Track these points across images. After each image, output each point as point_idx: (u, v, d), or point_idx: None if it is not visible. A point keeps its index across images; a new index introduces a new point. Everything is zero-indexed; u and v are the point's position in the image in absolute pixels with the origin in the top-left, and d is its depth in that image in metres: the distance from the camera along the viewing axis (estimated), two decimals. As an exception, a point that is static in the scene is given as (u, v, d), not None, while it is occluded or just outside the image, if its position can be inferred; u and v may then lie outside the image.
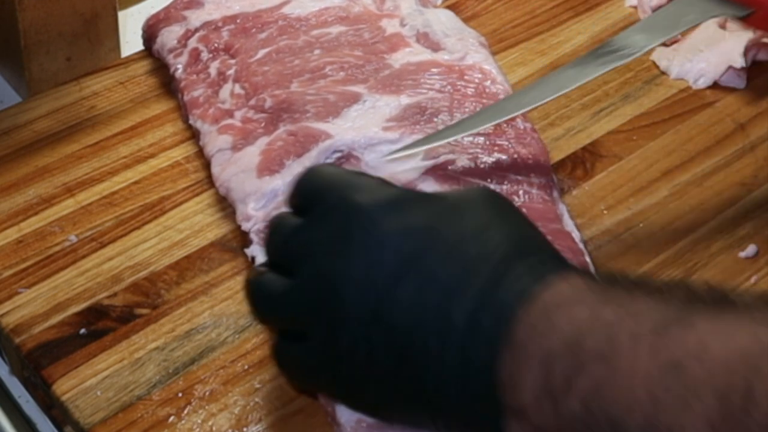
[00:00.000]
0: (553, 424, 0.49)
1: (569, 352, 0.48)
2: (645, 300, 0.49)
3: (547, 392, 0.49)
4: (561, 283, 0.51)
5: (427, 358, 0.53)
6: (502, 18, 0.93)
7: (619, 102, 0.86)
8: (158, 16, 0.87)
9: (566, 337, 0.49)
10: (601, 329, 0.48)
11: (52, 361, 0.66)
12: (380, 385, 0.56)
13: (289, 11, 0.86)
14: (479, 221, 0.55)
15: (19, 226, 0.74)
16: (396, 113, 0.77)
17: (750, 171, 0.81)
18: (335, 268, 0.55)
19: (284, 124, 0.76)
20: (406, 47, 0.83)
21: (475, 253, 0.53)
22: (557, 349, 0.49)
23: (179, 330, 0.68)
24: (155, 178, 0.78)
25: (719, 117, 0.85)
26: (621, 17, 0.94)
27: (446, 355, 0.52)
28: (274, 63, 0.81)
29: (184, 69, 0.83)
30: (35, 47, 0.85)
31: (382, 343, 0.54)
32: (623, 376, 0.46)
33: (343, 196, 0.56)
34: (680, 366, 0.45)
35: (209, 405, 0.64)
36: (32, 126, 0.81)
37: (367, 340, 0.54)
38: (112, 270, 0.71)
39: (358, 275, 0.54)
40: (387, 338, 0.54)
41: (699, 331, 0.46)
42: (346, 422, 0.60)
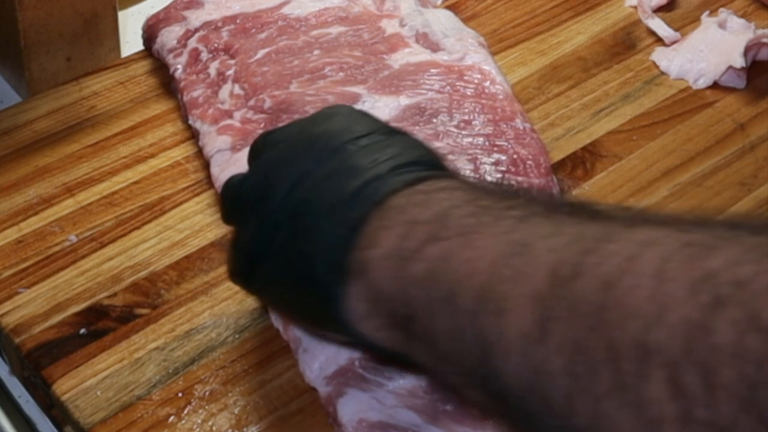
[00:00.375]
0: (390, 285, 0.50)
1: (433, 222, 0.50)
2: (519, 200, 0.51)
3: (397, 253, 0.50)
4: (448, 178, 0.55)
5: (317, 232, 0.55)
6: (502, 18, 0.93)
7: (619, 102, 0.86)
8: (158, 16, 0.87)
9: (436, 210, 0.51)
10: (469, 208, 0.50)
11: (52, 361, 0.66)
12: (282, 268, 0.57)
13: (288, 11, 0.86)
14: (372, 126, 0.59)
15: (19, 226, 0.74)
16: (395, 114, 0.77)
17: (750, 171, 0.81)
18: (272, 158, 0.59)
19: (284, 125, 0.76)
20: (406, 48, 0.83)
21: (375, 150, 0.56)
22: (423, 218, 0.51)
23: (179, 330, 0.68)
24: (155, 178, 0.78)
25: (719, 117, 0.85)
26: (621, 17, 0.94)
27: (330, 227, 0.54)
28: (273, 63, 0.81)
29: (183, 69, 0.83)
30: (35, 47, 0.85)
31: (288, 224, 0.56)
32: (473, 248, 0.47)
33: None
34: (527, 245, 0.45)
35: (209, 405, 0.64)
36: (32, 126, 0.81)
37: (280, 219, 0.56)
38: (112, 270, 0.71)
39: (286, 162, 0.58)
40: (292, 219, 0.56)
41: (555, 222, 0.47)
42: (347, 422, 0.60)
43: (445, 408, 0.61)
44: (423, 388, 0.62)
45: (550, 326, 0.42)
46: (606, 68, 0.89)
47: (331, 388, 0.62)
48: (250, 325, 0.69)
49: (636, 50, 0.91)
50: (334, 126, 0.59)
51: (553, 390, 0.41)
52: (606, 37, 0.92)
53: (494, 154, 0.75)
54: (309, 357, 0.63)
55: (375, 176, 0.54)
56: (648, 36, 0.92)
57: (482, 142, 0.76)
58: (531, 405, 0.43)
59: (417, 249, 0.49)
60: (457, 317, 0.47)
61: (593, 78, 0.88)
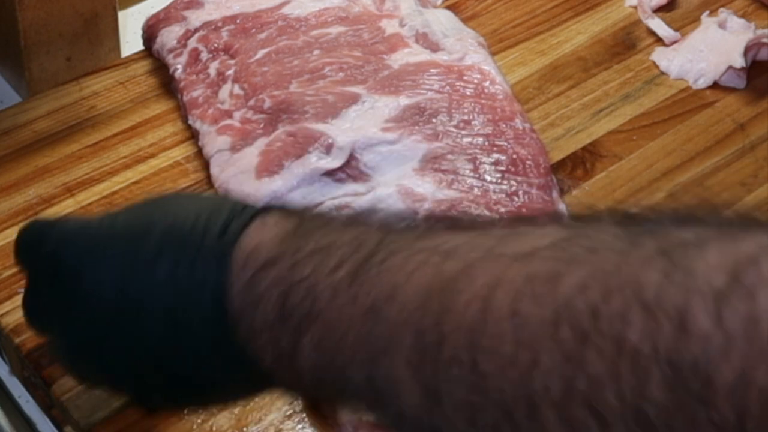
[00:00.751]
0: (297, 384, 0.49)
1: (281, 317, 0.47)
2: (338, 234, 0.48)
3: (280, 358, 0.48)
4: (260, 229, 0.50)
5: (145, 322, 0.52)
6: (502, 18, 0.93)
7: (619, 102, 0.86)
8: (158, 16, 0.87)
9: (274, 302, 0.47)
10: (301, 287, 0.47)
11: (52, 361, 0.66)
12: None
13: (288, 11, 0.86)
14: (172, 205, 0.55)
15: (19, 226, 0.74)
16: (395, 114, 0.77)
17: (750, 171, 0.81)
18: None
19: (283, 125, 0.76)
20: (405, 48, 0.83)
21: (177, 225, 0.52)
22: (271, 316, 0.47)
23: (179, 330, 0.68)
24: (155, 178, 0.78)
25: (719, 117, 0.85)
26: (621, 17, 0.94)
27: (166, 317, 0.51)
28: (273, 63, 0.81)
29: (183, 69, 0.83)
30: (35, 47, 0.85)
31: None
32: (333, 329, 0.45)
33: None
34: (377, 310, 0.44)
35: (209, 405, 0.64)
36: (32, 126, 0.81)
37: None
38: (112, 270, 0.71)
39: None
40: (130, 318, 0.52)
41: (389, 269, 0.44)
42: (347, 422, 0.60)
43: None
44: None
45: (437, 394, 0.41)
46: (606, 68, 0.89)
47: (330, 388, 0.62)
48: (250, 325, 0.69)
49: (636, 50, 0.91)
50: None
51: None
52: (606, 37, 0.92)
53: (494, 154, 0.75)
54: (309, 357, 0.63)
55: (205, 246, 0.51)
56: (648, 36, 0.92)
57: (482, 142, 0.76)
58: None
59: (292, 352, 0.47)
60: (357, 396, 0.46)
61: (593, 78, 0.88)
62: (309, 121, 0.76)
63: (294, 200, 0.72)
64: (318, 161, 0.74)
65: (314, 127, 0.75)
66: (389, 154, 0.75)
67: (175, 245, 0.51)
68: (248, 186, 0.73)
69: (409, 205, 0.72)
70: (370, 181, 0.74)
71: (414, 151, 0.75)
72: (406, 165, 0.74)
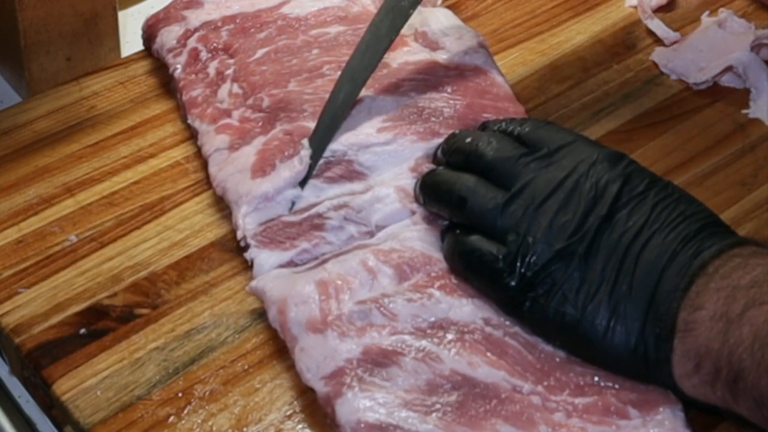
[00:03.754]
0: (716, 344, 0.56)
1: (753, 286, 0.56)
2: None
3: (723, 315, 0.56)
4: (749, 241, 0.61)
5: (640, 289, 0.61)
6: (502, 18, 0.93)
7: (619, 102, 0.86)
8: (158, 16, 0.87)
9: (753, 275, 0.57)
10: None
11: (52, 361, 0.66)
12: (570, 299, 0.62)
13: (288, 11, 0.86)
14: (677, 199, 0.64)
15: (19, 226, 0.74)
16: (393, 113, 0.77)
17: (750, 171, 0.81)
18: (548, 181, 0.65)
19: (281, 124, 0.76)
20: (404, 46, 0.83)
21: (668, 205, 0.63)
22: (744, 283, 0.57)
23: (179, 330, 0.68)
24: (155, 178, 0.78)
25: (719, 117, 0.85)
26: (621, 17, 0.94)
27: (653, 287, 0.60)
28: (272, 62, 0.81)
29: (183, 69, 0.83)
30: (35, 47, 0.85)
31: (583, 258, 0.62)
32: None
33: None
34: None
35: (209, 405, 0.64)
36: (32, 126, 0.81)
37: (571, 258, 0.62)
38: (112, 270, 0.72)
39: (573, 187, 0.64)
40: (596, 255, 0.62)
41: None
42: (345, 423, 0.60)
43: (444, 408, 0.61)
44: (421, 389, 0.62)
45: None
46: (606, 68, 0.89)
47: (329, 388, 0.62)
48: (250, 325, 0.69)
49: (636, 50, 0.91)
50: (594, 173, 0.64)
51: None
52: (606, 37, 0.92)
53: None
54: (306, 357, 0.63)
55: (687, 237, 0.61)
56: (648, 36, 0.92)
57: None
58: None
59: (741, 313, 0.55)
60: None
61: (593, 78, 0.88)
62: (307, 120, 0.76)
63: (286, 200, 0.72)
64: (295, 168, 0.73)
65: (311, 127, 0.75)
66: (385, 153, 0.75)
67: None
68: (243, 186, 0.73)
69: (406, 205, 0.72)
70: (367, 181, 0.74)
71: (411, 151, 0.75)
72: (403, 164, 0.74)
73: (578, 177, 0.64)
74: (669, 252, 0.60)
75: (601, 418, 0.61)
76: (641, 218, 0.62)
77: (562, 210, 0.63)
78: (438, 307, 0.65)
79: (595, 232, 0.62)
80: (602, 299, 0.61)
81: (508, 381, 0.62)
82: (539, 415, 0.61)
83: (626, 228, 0.62)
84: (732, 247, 0.60)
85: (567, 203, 0.63)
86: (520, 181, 0.65)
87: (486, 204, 0.65)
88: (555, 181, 0.64)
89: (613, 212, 0.63)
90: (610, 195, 0.63)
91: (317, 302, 0.65)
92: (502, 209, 0.64)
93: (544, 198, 0.64)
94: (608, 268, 0.61)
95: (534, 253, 0.62)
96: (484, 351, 0.63)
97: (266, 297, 0.67)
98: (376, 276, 0.67)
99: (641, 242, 0.61)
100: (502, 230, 0.64)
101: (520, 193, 0.65)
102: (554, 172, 0.65)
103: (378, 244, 0.69)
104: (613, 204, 0.63)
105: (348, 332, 0.64)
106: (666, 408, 0.61)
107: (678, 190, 0.65)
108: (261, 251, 0.70)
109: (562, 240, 0.62)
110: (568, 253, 0.62)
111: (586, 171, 0.64)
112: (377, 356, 0.63)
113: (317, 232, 0.71)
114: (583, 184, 0.64)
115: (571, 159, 0.65)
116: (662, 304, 0.59)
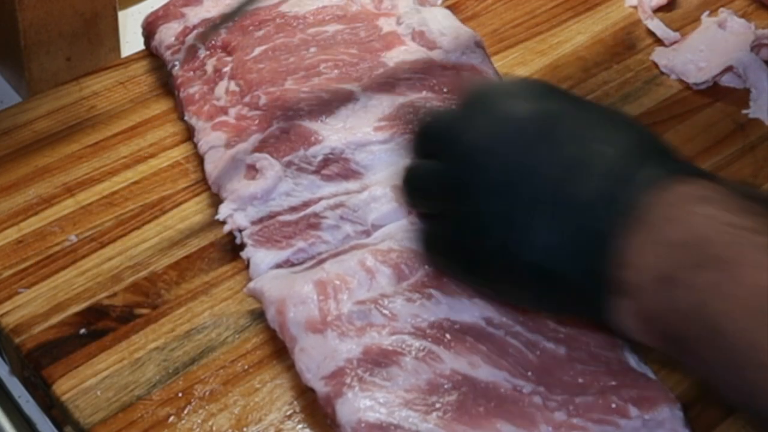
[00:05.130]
0: (662, 310, 0.51)
1: (692, 246, 0.50)
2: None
3: (668, 279, 0.50)
4: (697, 181, 0.53)
5: (550, 225, 0.54)
6: (502, 18, 0.93)
7: (619, 102, 0.86)
8: (157, 13, 0.87)
9: (696, 232, 0.50)
10: (729, 234, 0.49)
11: (52, 361, 0.66)
12: (501, 257, 0.57)
13: (286, 9, 0.86)
14: (610, 115, 0.57)
15: (19, 226, 0.74)
16: (389, 112, 0.77)
17: (750, 171, 0.81)
18: (478, 147, 0.57)
19: (278, 122, 0.76)
20: (401, 45, 0.83)
21: (612, 137, 0.55)
22: (680, 240, 0.50)
23: (179, 330, 0.68)
24: (155, 178, 0.78)
25: (719, 117, 0.85)
26: (621, 17, 0.94)
27: (567, 224, 0.54)
28: (269, 60, 0.81)
29: (181, 66, 0.83)
30: (35, 47, 0.85)
31: (510, 213, 0.56)
32: (737, 283, 0.47)
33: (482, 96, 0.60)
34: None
35: (209, 405, 0.64)
36: (32, 126, 0.81)
37: (499, 210, 0.56)
38: (112, 270, 0.72)
39: (496, 149, 0.57)
40: (516, 208, 0.56)
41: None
42: (345, 423, 0.60)
43: (444, 408, 0.61)
44: (422, 388, 0.62)
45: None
46: (606, 68, 0.89)
47: (329, 388, 0.62)
48: (250, 325, 0.69)
49: (636, 50, 0.91)
50: (526, 107, 0.57)
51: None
52: (606, 37, 0.92)
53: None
54: (306, 357, 0.63)
55: (613, 176, 0.53)
56: (648, 36, 0.92)
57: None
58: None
59: (684, 277, 0.50)
60: (724, 353, 0.48)
61: (593, 78, 0.88)
62: (303, 118, 0.76)
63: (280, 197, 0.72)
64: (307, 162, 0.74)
65: (307, 125, 0.75)
66: (382, 152, 0.75)
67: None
68: (237, 184, 0.73)
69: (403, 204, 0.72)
70: (363, 180, 0.74)
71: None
72: (400, 164, 0.74)
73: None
74: (587, 195, 0.54)
75: (602, 417, 0.61)
76: (572, 148, 0.56)
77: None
78: (438, 306, 0.65)
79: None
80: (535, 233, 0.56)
81: (509, 380, 0.62)
82: (540, 414, 0.61)
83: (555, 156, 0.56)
84: (671, 178, 0.53)
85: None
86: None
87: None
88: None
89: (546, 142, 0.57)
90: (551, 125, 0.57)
91: (316, 302, 0.65)
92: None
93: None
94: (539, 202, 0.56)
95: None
96: (484, 350, 0.63)
97: (264, 298, 0.67)
98: (375, 276, 0.67)
99: (572, 174, 0.55)
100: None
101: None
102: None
103: (375, 243, 0.69)
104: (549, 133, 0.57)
105: (348, 332, 0.64)
106: (665, 407, 0.61)
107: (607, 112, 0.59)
108: (257, 250, 0.70)
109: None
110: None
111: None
112: (377, 356, 0.63)
113: (313, 231, 0.71)
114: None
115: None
116: (595, 259, 0.54)
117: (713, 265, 0.49)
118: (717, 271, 0.49)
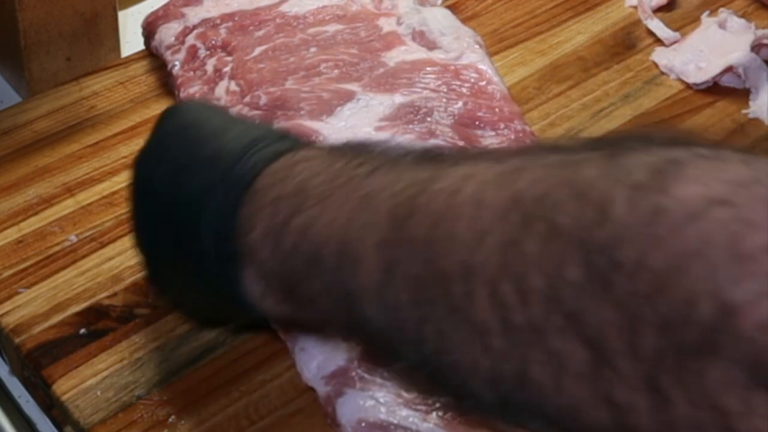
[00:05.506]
0: (273, 262, 0.53)
1: (295, 194, 0.52)
2: (369, 155, 0.52)
3: (271, 231, 0.53)
4: (306, 148, 0.56)
5: (191, 226, 0.57)
6: (502, 18, 0.93)
7: (619, 102, 0.86)
8: (157, 13, 0.87)
9: (297, 182, 0.53)
10: (324, 175, 0.52)
11: (52, 361, 0.66)
12: (171, 264, 0.60)
13: (287, 9, 0.86)
14: (221, 121, 0.61)
15: (19, 226, 0.74)
16: (389, 112, 0.77)
17: (750, 171, 0.81)
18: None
19: (278, 122, 0.76)
20: (402, 45, 0.83)
21: (221, 141, 0.58)
22: (287, 192, 0.53)
23: (179, 330, 0.68)
24: (155, 178, 0.78)
25: (719, 117, 0.85)
26: (621, 17, 0.94)
27: (205, 218, 0.56)
28: (270, 60, 0.81)
29: (181, 66, 0.83)
30: (35, 47, 0.85)
31: (155, 213, 0.61)
32: (330, 210, 0.50)
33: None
34: (372, 197, 0.48)
35: (209, 405, 0.64)
36: (32, 126, 0.81)
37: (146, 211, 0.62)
38: (112, 270, 0.71)
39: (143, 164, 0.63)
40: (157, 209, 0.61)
41: (397, 171, 0.49)
42: (346, 422, 0.60)
43: (445, 407, 0.61)
44: (423, 388, 0.62)
45: (394, 268, 0.46)
46: (606, 68, 0.89)
47: (329, 388, 0.62)
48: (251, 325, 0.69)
49: (636, 50, 0.91)
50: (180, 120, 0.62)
51: (406, 323, 0.45)
52: (606, 37, 0.92)
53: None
54: (306, 356, 0.63)
55: (233, 159, 0.56)
56: (648, 36, 0.92)
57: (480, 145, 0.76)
58: (393, 340, 0.47)
59: (284, 223, 0.52)
60: (325, 276, 0.50)
61: (593, 78, 0.88)
62: (304, 118, 0.76)
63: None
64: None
65: (308, 125, 0.75)
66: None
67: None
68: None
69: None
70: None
71: (408, 150, 0.75)
72: None
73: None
74: (212, 181, 0.57)
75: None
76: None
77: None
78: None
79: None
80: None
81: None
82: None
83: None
84: (279, 156, 0.56)
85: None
86: None
87: None
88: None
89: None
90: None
91: (317, 302, 0.65)
92: None
93: None
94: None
95: None
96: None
97: (266, 297, 0.67)
98: (376, 276, 0.67)
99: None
100: None
101: None
102: None
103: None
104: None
105: (348, 332, 0.64)
106: None
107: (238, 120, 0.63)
108: None
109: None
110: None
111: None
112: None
113: (316, 232, 0.71)
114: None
115: None
116: (210, 232, 0.56)
117: (309, 205, 0.51)
118: (312, 209, 0.51)
